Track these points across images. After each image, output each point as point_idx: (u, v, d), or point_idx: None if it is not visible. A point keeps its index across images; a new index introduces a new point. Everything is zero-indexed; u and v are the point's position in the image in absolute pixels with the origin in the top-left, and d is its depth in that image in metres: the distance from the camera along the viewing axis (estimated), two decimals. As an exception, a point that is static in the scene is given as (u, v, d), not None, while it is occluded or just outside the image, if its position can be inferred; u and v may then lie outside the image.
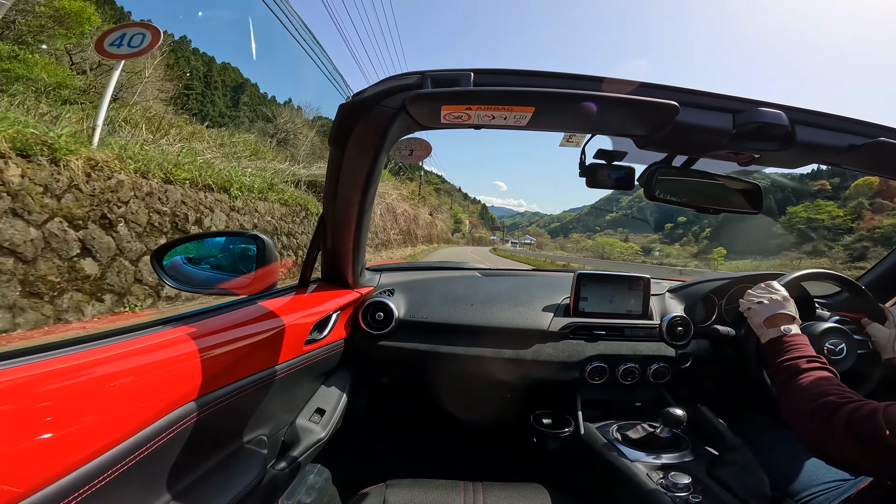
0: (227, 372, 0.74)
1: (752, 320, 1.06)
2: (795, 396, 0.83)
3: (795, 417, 0.82)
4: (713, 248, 79.16)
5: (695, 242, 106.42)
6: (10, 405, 0.45)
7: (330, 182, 0.95)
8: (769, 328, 1.00)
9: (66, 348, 0.56)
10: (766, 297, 1.05)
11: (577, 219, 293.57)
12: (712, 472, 1.00)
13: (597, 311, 1.34)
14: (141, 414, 0.57)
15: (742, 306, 1.11)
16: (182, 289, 0.93)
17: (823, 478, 1.02)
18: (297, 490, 1.12)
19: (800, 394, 0.82)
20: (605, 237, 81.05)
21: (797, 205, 75.64)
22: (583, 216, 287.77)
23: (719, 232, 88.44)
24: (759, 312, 1.03)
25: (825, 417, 0.74)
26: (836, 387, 0.80)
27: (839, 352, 1.16)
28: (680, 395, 1.34)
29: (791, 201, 72.64)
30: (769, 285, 1.09)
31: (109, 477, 0.52)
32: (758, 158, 0.84)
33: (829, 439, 0.73)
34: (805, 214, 71.82)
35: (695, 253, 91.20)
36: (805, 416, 0.79)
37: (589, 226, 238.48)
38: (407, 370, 1.34)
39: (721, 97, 0.74)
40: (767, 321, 1.01)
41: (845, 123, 0.77)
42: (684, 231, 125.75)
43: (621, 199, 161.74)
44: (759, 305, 1.04)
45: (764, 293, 1.07)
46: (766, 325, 1.01)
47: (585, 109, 0.69)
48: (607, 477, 1.08)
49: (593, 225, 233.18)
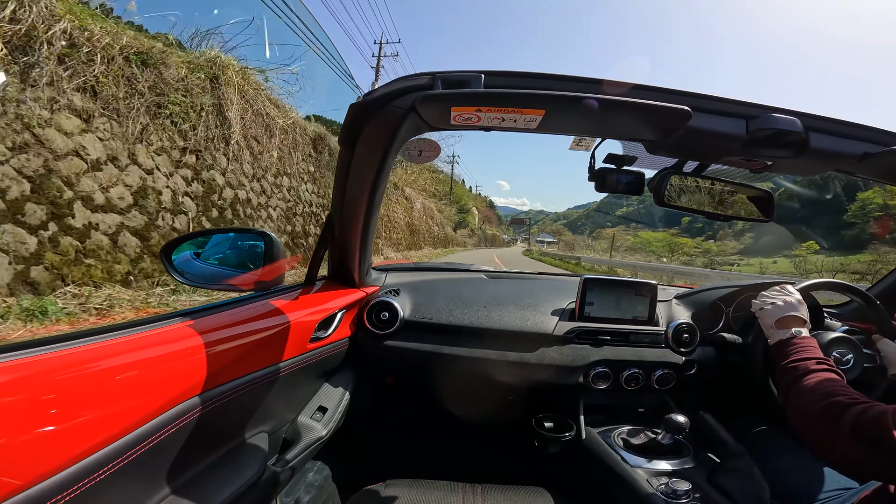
0: (231, 368, 0.75)
1: (763, 321, 1.06)
2: (802, 397, 0.82)
3: (801, 418, 0.81)
4: (798, 243, 53.06)
5: (732, 237, 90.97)
6: (14, 397, 0.45)
7: (339, 181, 0.96)
8: (779, 329, 0.99)
9: (71, 341, 0.57)
10: (780, 298, 1.05)
11: (586, 215, 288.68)
12: (713, 480, 1.00)
13: (602, 317, 1.33)
14: (144, 408, 0.57)
15: (754, 307, 1.10)
16: (190, 284, 0.94)
17: (825, 486, 1.01)
18: (297, 487, 1.12)
19: (807, 394, 0.81)
20: (647, 232, 66.27)
21: (867, 190, 62.88)
22: (591, 212, 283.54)
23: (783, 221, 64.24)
24: (771, 313, 1.03)
25: (832, 418, 0.73)
26: (845, 388, 0.79)
27: (846, 362, 1.15)
28: (683, 402, 1.33)
29: (859, 186, 56.94)
30: (784, 288, 1.09)
31: (110, 470, 0.52)
32: (770, 165, 0.83)
33: (836, 441, 0.72)
34: (880, 200, 60.68)
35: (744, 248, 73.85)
36: (811, 416, 0.78)
37: (599, 222, 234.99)
38: (410, 370, 1.34)
39: (734, 102, 0.73)
40: (779, 322, 1.00)
41: (860, 131, 0.76)
42: (704, 225, 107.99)
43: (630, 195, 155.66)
44: (772, 306, 1.04)
45: (778, 295, 1.06)
46: (776, 327, 1.00)
47: (596, 113, 0.69)
48: (608, 482, 1.08)
49: (603, 221, 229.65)
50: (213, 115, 5.92)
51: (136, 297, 4.10)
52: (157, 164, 4.97)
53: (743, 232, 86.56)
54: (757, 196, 0.97)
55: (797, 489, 1.03)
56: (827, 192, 32.78)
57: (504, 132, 0.79)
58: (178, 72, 5.37)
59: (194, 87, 5.58)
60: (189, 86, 5.52)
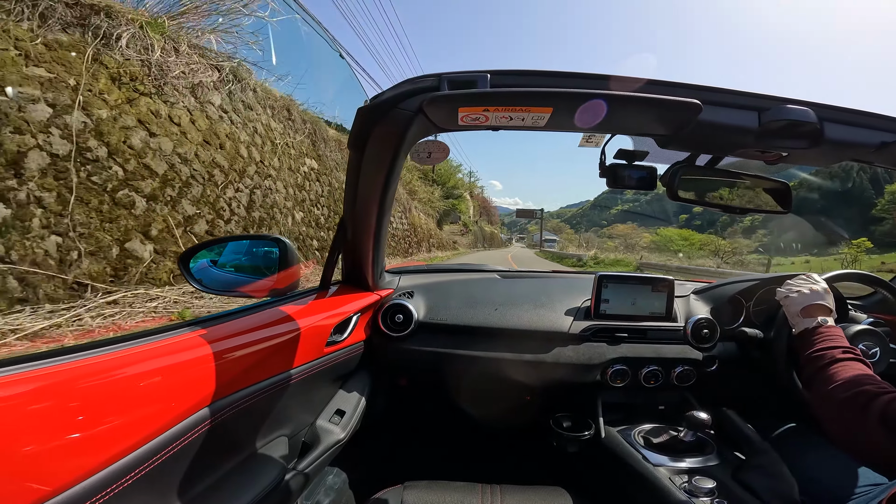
0: (250, 373, 0.76)
1: (788, 309, 1.04)
2: (828, 386, 0.80)
3: (827, 408, 0.79)
4: (847, 240, 41.10)
5: (742, 234, 79.03)
6: (42, 404, 0.46)
7: (350, 185, 0.97)
8: (805, 318, 0.97)
9: (94, 349, 0.58)
10: (806, 286, 1.03)
11: (582, 214, 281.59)
12: (738, 477, 0.98)
13: (619, 314, 1.32)
14: (167, 414, 0.58)
15: (779, 295, 1.08)
16: (208, 291, 0.96)
17: (854, 482, 0.98)
18: (316, 491, 1.13)
19: (833, 383, 0.79)
20: (668, 229, 57.54)
21: (893, 182, 59.14)
22: (586, 210, 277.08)
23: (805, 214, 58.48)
24: (797, 301, 1.01)
25: (859, 407, 0.71)
26: (872, 378, 0.77)
27: (872, 355, 1.13)
28: (704, 399, 1.31)
29: (885, 178, 53.60)
30: (809, 276, 1.07)
31: (136, 476, 0.53)
32: (786, 157, 0.81)
33: (863, 431, 0.70)
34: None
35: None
36: (837, 405, 0.76)
37: (594, 220, 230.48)
38: (426, 372, 1.35)
39: (746, 95, 0.72)
40: (804, 311, 0.98)
41: (876, 120, 0.75)
42: (703, 223, 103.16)
43: (626, 191, 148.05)
44: (798, 294, 1.02)
45: (804, 283, 1.04)
46: (802, 315, 0.98)
47: (605, 109, 0.68)
48: (629, 481, 1.06)
49: (599, 219, 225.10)
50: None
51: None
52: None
53: (754, 228, 79.20)
54: (773, 188, 0.96)
55: (825, 486, 1.00)
56: (848, 182, 30.50)
57: (502, 131, 0.78)
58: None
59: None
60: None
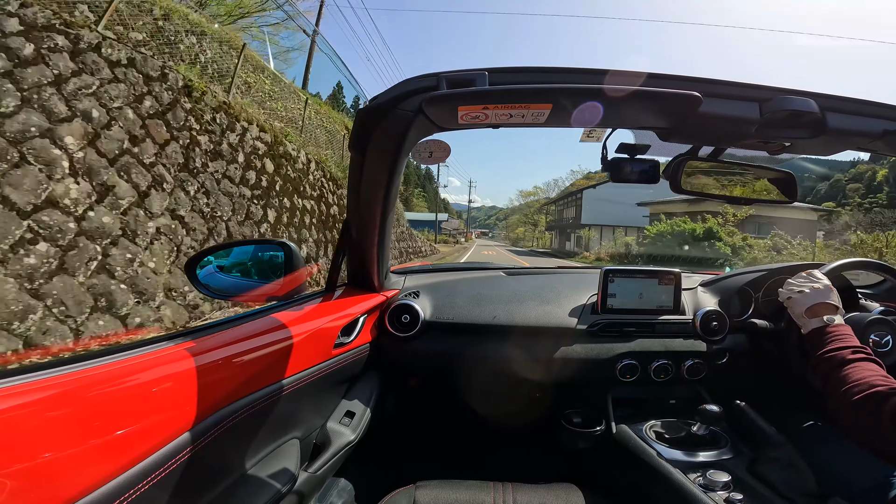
0: (259, 377, 0.76)
1: (792, 310, 1.02)
2: (840, 388, 0.79)
3: (840, 410, 0.78)
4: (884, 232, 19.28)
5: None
6: (59, 411, 0.47)
7: (352, 186, 0.97)
8: (811, 318, 0.95)
9: (106, 356, 0.59)
10: (808, 285, 1.01)
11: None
12: (754, 470, 0.97)
13: (626, 308, 1.32)
14: (180, 419, 0.59)
15: (781, 296, 1.07)
16: (214, 297, 0.97)
17: (874, 473, 0.97)
18: (329, 492, 1.14)
19: (845, 385, 0.79)
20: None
21: None
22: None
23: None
24: (800, 302, 0.99)
25: (872, 408, 0.71)
26: (884, 377, 0.76)
27: (885, 344, 1.10)
28: (716, 392, 1.30)
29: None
30: (810, 274, 1.05)
31: (151, 482, 0.54)
32: (788, 146, 0.81)
33: (877, 431, 0.70)
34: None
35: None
36: (850, 407, 0.75)
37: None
38: (434, 372, 1.35)
39: (746, 86, 0.72)
40: (809, 311, 0.96)
41: (878, 108, 0.74)
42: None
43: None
44: (800, 295, 1.00)
45: (805, 282, 1.02)
46: (807, 316, 0.96)
47: (604, 104, 0.68)
48: (642, 476, 1.06)
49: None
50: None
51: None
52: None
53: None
54: (778, 178, 0.95)
55: (843, 478, 0.99)
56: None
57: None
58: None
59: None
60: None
